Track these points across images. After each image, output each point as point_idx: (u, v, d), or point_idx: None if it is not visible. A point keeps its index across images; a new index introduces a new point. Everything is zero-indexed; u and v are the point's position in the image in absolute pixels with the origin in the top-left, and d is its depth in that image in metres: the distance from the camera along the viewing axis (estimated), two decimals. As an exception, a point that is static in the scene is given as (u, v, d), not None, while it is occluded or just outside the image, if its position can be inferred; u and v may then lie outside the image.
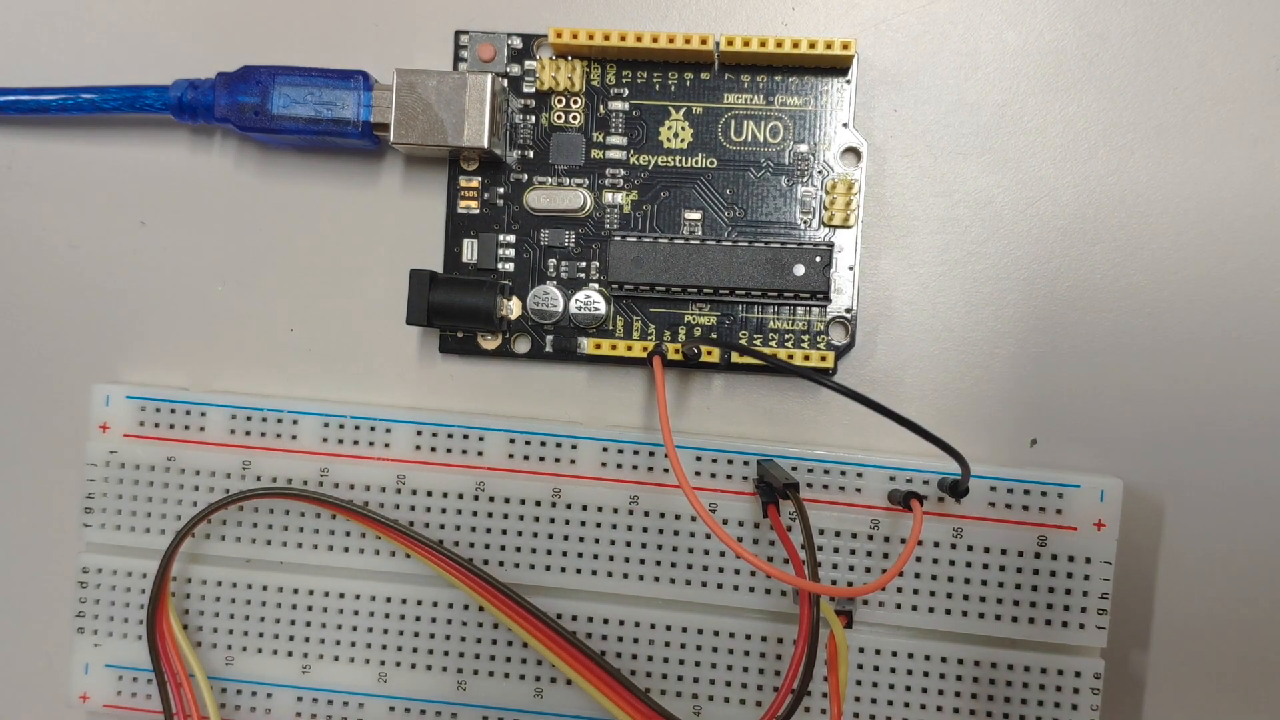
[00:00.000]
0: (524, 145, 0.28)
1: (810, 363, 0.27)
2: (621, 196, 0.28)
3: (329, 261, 0.29)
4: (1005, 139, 0.27)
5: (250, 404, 0.28)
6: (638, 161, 0.28)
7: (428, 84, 0.26)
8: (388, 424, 0.28)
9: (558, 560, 0.28)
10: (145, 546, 0.28)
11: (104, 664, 0.29)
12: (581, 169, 0.28)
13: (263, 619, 0.28)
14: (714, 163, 0.28)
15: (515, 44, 0.28)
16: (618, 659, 0.28)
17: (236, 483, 0.28)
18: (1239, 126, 0.27)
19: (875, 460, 0.27)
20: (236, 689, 0.29)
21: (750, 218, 0.28)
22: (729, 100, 0.28)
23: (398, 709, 0.28)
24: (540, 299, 0.28)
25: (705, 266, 0.27)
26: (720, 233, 0.28)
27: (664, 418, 0.25)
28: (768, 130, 0.28)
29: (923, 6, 0.27)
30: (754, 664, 0.27)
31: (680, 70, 0.27)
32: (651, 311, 0.28)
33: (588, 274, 0.28)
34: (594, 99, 0.28)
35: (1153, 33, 0.27)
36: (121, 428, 0.28)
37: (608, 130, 0.28)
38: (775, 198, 0.28)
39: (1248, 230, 0.27)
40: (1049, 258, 0.27)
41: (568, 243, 0.28)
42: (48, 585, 0.30)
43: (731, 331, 0.28)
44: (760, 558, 0.27)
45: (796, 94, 0.27)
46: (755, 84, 0.27)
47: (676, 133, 0.28)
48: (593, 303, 0.28)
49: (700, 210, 0.28)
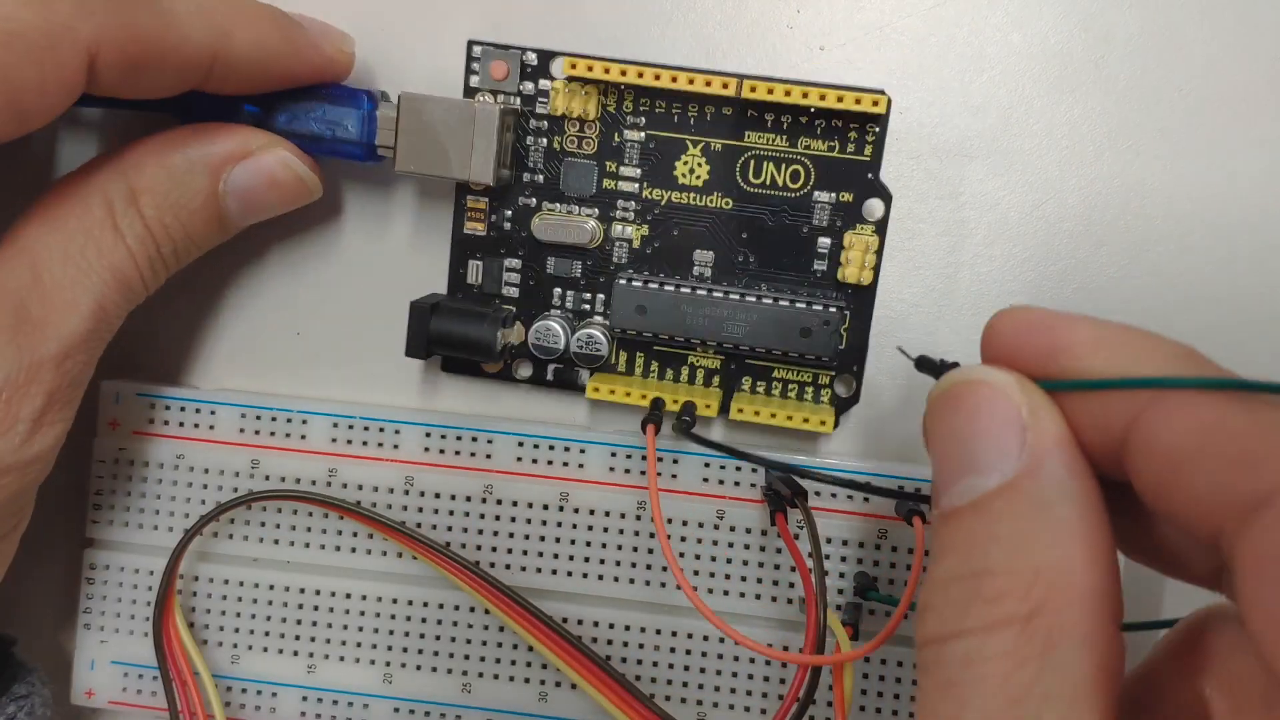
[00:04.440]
0: (534, 169, 0.27)
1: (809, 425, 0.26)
2: (632, 230, 0.27)
3: (335, 268, 0.29)
4: (1011, 141, 0.27)
5: (260, 403, 0.28)
6: (651, 195, 0.27)
7: (434, 111, 0.25)
8: (397, 425, 0.28)
9: (564, 564, 0.28)
10: (153, 544, 0.29)
11: (110, 661, 0.29)
12: (592, 198, 0.27)
13: (269, 618, 0.28)
14: (729, 203, 0.27)
15: (530, 60, 0.27)
16: (623, 664, 0.28)
17: (245, 482, 0.28)
18: (1245, 128, 0.27)
19: (885, 470, 0.27)
20: (242, 688, 0.29)
21: (763, 265, 0.27)
22: (750, 139, 0.26)
23: (402, 710, 0.28)
24: (543, 335, 0.27)
25: (710, 320, 0.26)
26: (733, 277, 0.27)
27: (654, 501, 0.24)
28: (788, 174, 0.27)
29: (928, 9, 0.27)
30: (759, 671, 0.27)
31: (701, 103, 0.26)
32: (655, 351, 0.28)
33: (593, 306, 0.28)
34: (609, 126, 0.27)
35: (1158, 35, 0.27)
36: (131, 425, 0.29)
37: (621, 160, 0.27)
38: (791, 245, 0.27)
39: (1254, 231, 0.27)
40: (1055, 259, 0.27)
41: (574, 273, 0.28)
42: (54, 581, 0.30)
43: (735, 377, 0.27)
44: (766, 580, 0.27)
45: (822, 138, 0.26)
46: (779, 124, 0.26)
47: (693, 169, 0.27)
48: (595, 343, 0.27)
49: (712, 251, 0.27)
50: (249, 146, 0.25)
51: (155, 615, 0.28)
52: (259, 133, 0.25)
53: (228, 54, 0.23)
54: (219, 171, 0.25)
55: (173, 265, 0.25)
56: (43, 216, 0.23)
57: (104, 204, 0.23)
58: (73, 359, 0.23)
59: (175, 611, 0.28)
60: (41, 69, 0.20)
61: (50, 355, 0.23)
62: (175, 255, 0.25)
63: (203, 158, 0.24)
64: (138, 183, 0.24)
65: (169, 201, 0.24)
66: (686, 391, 0.27)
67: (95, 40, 0.20)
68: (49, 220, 0.23)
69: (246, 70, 0.24)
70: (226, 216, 0.25)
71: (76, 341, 0.23)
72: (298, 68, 0.25)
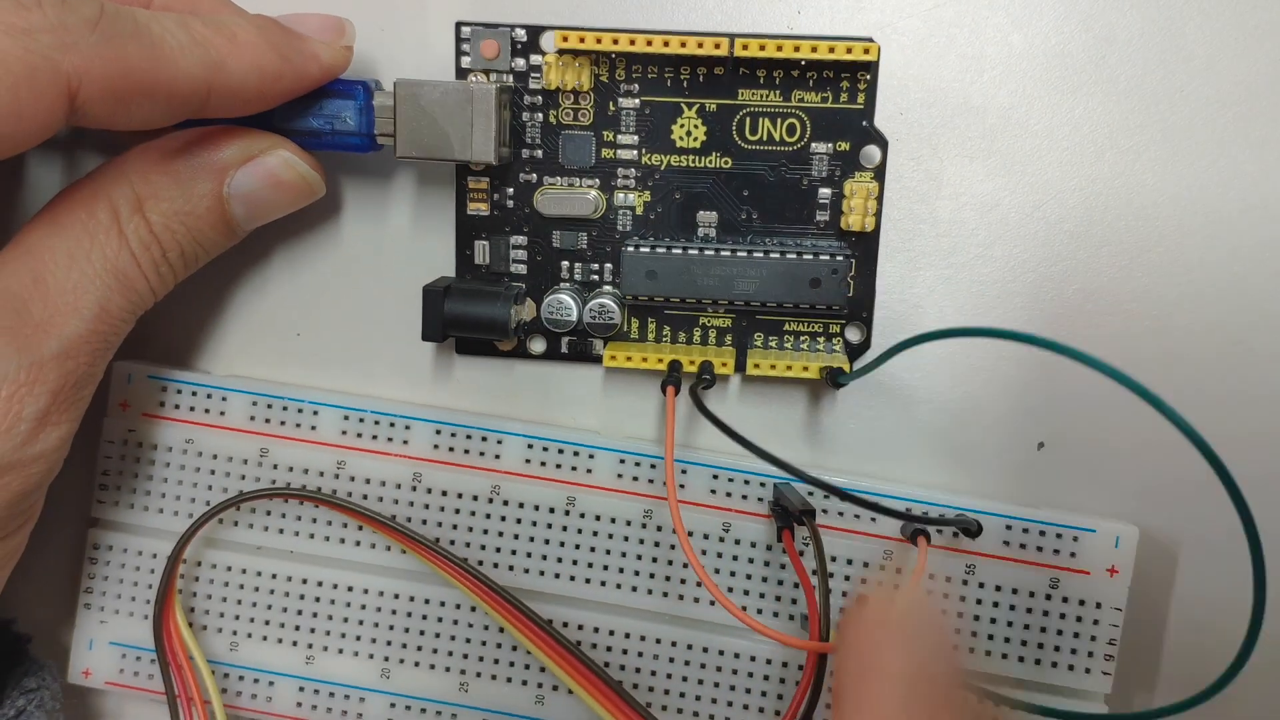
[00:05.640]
0: (532, 145, 0.27)
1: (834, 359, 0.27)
2: (634, 197, 0.27)
3: (340, 259, 0.29)
4: (1011, 142, 0.27)
5: (271, 392, 0.28)
6: (650, 161, 0.27)
7: (430, 95, 0.25)
8: (407, 421, 0.28)
9: (568, 568, 0.28)
10: (157, 527, 0.29)
11: (108, 641, 0.29)
12: (592, 169, 0.27)
13: (269, 607, 0.28)
14: (728, 162, 0.27)
15: (520, 37, 0.26)
16: (621, 671, 0.28)
17: (253, 469, 0.28)
18: (1246, 128, 0.27)
19: (893, 490, 0.27)
20: (239, 675, 0.29)
21: (766, 220, 0.27)
22: (744, 97, 0.27)
23: (398, 705, 0.28)
24: (554, 309, 0.27)
25: (719, 280, 0.26)
26: (737, 235, 0.27)
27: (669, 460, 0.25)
28: (784, 128, 0.27)
29: (928, 10, 0.27)
30: (758, 686, 0.27)
31: (693, 65, 0.26)
32: (666, 315, 0.28)
33: (601, 277, 0.28)
34: (603, 96, 0.27)
35: (1159, 35, 0.27)
36: (141, 407, 0.29)
37: (618, 129, 0.27)
38: (792, 199, 0.27)
39: (1254, 231, 0.27)
40: (1056, 260, 0.27)
41: (581, 245, 0.28)
42: (57, 558, 0.30)
43: (747, 334, 0.28)
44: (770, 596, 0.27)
45: (815, 90, 0.26)
46: (771, 79, 0.26)
47: (689, 130, 0.27)
48: (607, 312, 0.27)
49: (715, 211, 0.27)
50: (252, 150, 0.25)
51: (156, 602, 0.28)
52: (261, 134, 0.25)
53: (224, 85, 0.23)
54: (223, 175, 0.25)
55: (180, 271, 0.25)
56: (48, 221, 0.24)
57: (109, 209, 0.24)
58: (75, 359, 0.23)
59: (176, 601, 0.28)
60: (17, 97, 0.20)
61: (52, 355, 0.23)
62: (183, 260, 0.25)
63: (206, 162, 0.25)
64: (143, 189, 0.24)
65: (174, 208, 0.24)
66: (700, 352, 0.27)
67: (78, 73, 0.20)
68: (54, 225, 0.23)
69: (244, 97, 0.23)
70: (233, 220, 0.25)
71: (78, 342, 0.23)
72: (296, 85, 0.24)
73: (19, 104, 0.20)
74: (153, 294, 0.25)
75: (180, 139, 0.25)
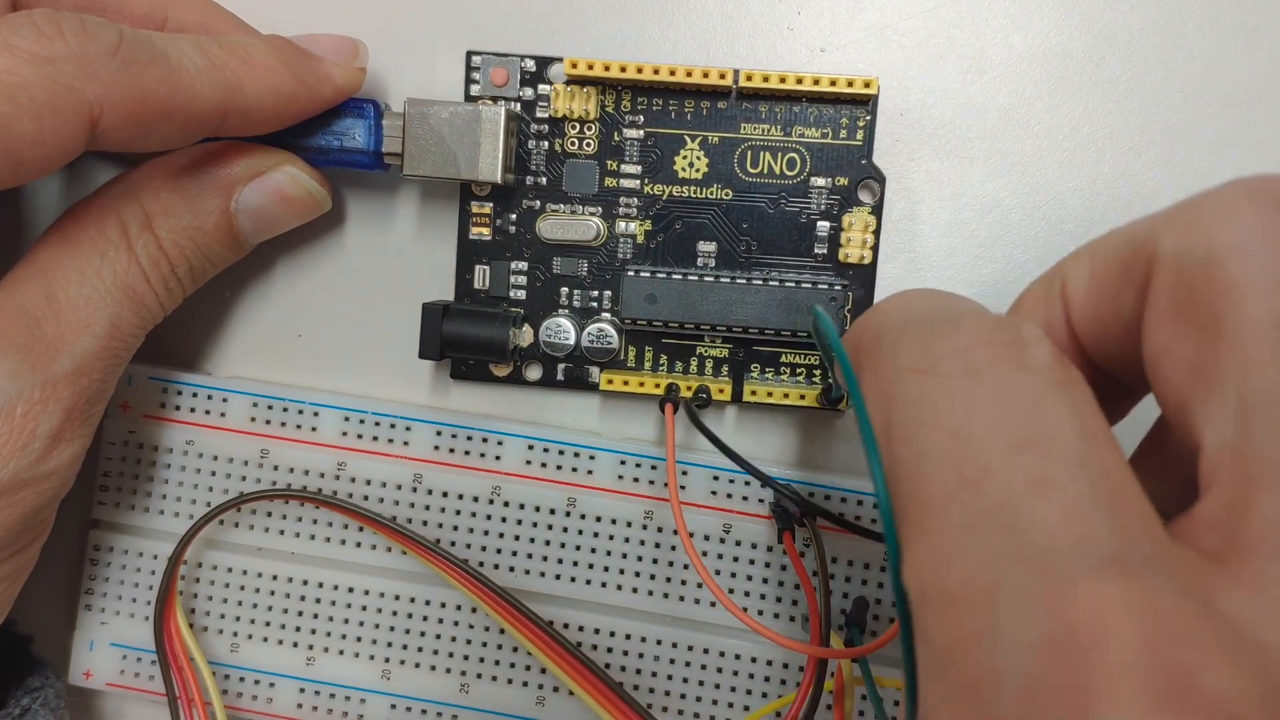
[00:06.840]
0: (537, 172, 0.27)
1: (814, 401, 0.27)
2: (635, 226, 0.27)
3: (341, 273, 0.29)
4: (1012, 142, 0.27)
5: (272, 393, 0.28)
6: (652, 191, 0.27)
7: (440, 115, 0.26)
8: (408, 422, 0.28)
9: (569, 570, 0.28)
10: (158, 528, 0.29)
11: (109, 642, 0.29)
12: (595, 197, 0.27)
13: (270, 608, 0.28)
14: (729, 194, 0.27)
15: (529, 66, 0.27)
16: (621, 672, 0.28)
17: (254, 471, 0.28)
18: (1246, 129, 0.27)
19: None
20: (240, 676, 0.29)
21: (766, 252, 0.27)
22: (746, 130, 0.27)
23: (399, 706, 0.28)
24: (552, 332, 0.27)
25: (718, 305, 0.26)
26: (735, 266, 0.27)
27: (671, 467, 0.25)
28: (784, 162, 0.27)
29: (929, 11, 0.27)
30: (758, 688, 0.27)
31: (697, 98, 0.27)
32: (664, 344, 0.28)
33: (600, 304, 0.28)
34: (609, 126, 0.27)
35: (1159, 36, 0.27)
36: (142, 408, 0.29)
37: (622, 158, 0.27)
38: (791, 231, 0.27)
39: None
40: (1056, 260, 0.27)
41: (581, 271, 0.28)
42: (56, 561, 0.30)
43: (744, 365, 0.28)
44: (770, 597, 0.27)
45: (815, 125, 0.27)
46: (773, 114, 0.27)
47: (692, 162, 0.27)
48: (605, 336, 0.27)
49: (715, 242, 0.27)
50: (259, 166, 0.25)
51: (157, 603, 0.28)
52: (269, 150, 0.25)
53: (240, 107, 0.23)
54: (230, 191, 0.25)
55: (189, 285, 0.26)
56: (59, 239, 0.24)
57: (118, 226, 0.24)
58: (88, 376, 0.23)
59: (177, 602, 0.28)
60: (40, 124, 0.20)
61: (65, 373, 0.23)
62: (191, 275, 0.25)
63: (214, 179, 0.25)
64: (152, 206, 0.24)
65: (182, 224, 0.24)
66: (698, 381, 0.27)
67: (99, 101, 0.21)
68: (65, 243, 0.24)
69: (259, 119, 0.24)
70: (240, 235, 0.26)
71: (91, 359, 0.23)
72: (311, 106, 0.25)
73: (42, 131, 0.20)
74: (162, 309, 0.25)
75: (188, 155, 0.25)
